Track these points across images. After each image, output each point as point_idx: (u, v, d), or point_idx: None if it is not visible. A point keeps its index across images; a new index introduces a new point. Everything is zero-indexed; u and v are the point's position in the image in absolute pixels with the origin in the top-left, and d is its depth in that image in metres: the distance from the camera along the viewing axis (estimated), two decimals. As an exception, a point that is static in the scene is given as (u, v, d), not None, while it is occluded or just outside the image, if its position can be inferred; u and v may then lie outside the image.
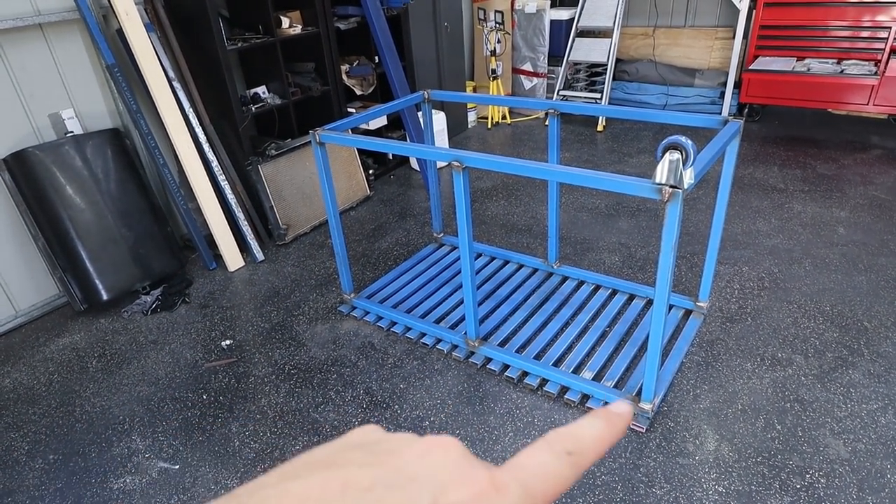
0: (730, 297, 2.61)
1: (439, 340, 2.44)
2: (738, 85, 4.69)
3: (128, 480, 1.94)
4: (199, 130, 3.04)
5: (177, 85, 2.94)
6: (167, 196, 3.15)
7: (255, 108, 3.34)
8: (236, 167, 3.28)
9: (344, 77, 3.81)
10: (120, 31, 2.77)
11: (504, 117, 5.32)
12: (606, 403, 2.02)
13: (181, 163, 2.98)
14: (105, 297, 2.77)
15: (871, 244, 2.94)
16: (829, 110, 4.76)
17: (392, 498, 0.23)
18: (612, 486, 1.77)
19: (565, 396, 2.11)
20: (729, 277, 2.75)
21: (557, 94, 5.08)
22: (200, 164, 3.02)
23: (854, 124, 4.59)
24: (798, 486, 1.73)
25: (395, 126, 4.26)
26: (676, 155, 1.51)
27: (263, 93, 3.46)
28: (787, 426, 1.93)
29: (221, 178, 3.14)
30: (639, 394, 1.98)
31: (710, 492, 1.73)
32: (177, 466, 1.98)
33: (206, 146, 3.07)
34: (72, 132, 2.77)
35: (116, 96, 2.89)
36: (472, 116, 5.23)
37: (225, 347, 2.56)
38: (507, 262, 2.96)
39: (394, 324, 2.57)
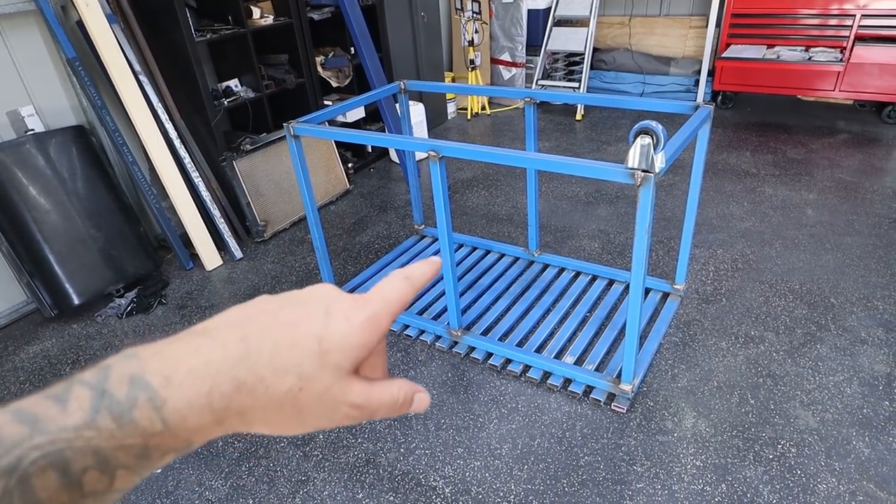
0: (705, 279, 2.67)
1: (422, 332, 2.45)
2: (711, 73, 4.77)
3: (110, 483, 1.91)
4: (169, 126, 2.99)
5: (143, 79, 2.89)
6: (138, 195, 3.10)
7: (228, 102, 3.29)
8: (210, 163, 3.24)
9: (319, 69, 3.77)
10: (80, 23, 2.69)
11: (483, 108, 5.33)
12: (589, 387, 2.06)
13: (151, 160, 2.93)
14: (76, 301, 2.71)
15: (837, 224, 3.03)
16: (799, 97, 4.87)
17: (298, 311, 0.34)
18: (595, 466, 1.81)
19: (548, 381, 2.14)
20: (704, 260, 2.81)
21: (536, 83, 5.10)
22: (172, 160, 2.97)
23: (822, 110, 4.71)
24: (770, 457, 1.79)
25: (374, 118, 4.24)
26: (647, 139, 1.54)
27: (236, 86, 3.41)
28: (760, 400, 1.99)
29: (195, 174, 3.09)
30: (619, 376, 2.02)
31: (689, 466, 1.78)
32: (158, 470, 1.95)
33: (177, 142, 3.02)
34: (33, 130, 2.69)
35: (79, 92, 2.82)
36: (451, 108, 5.23)
37: (205, 345, 2.53)
38: (488, 252, 2.98)
39: (376, 316, 2.57)
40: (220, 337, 0.31)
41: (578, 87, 4.91)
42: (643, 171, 1.55)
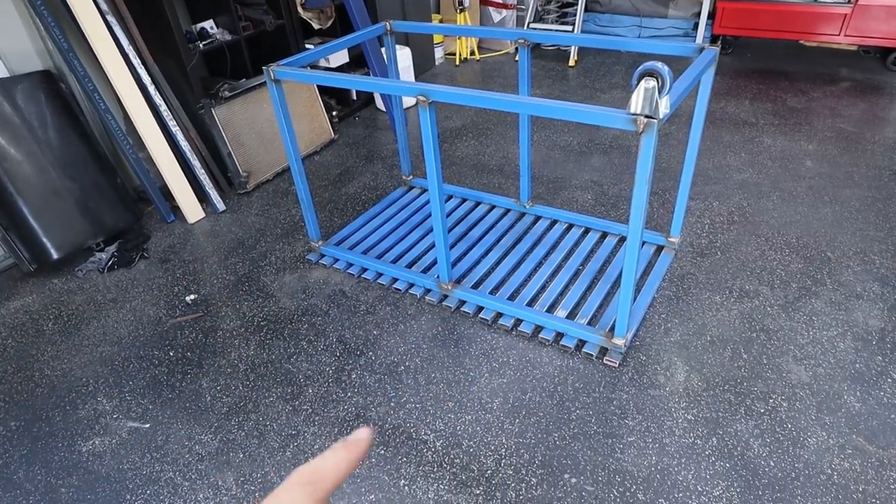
0: (700, 231, 2.62)
1: (412, 285, 2.40)
2: (711, 15, 4.57)
3: (97, 442, 1.88)
4: (141, 71, 2.82)
5: (112, 20, 2.69)
6: (114, 145, 2.95)
7: (203, 46, 3.10)
8: (187, 111, 3.08)
9: (299, 9, 3.56)
10: (42, -41, 2.49)
11: (473, 53, 5.11)
12: (581, 342, 2.03)
13: (125, 107, 2.77)
14: (55, 255, 2.62)
15: (836, 176, 2.96)
16: (801, 42, 4.70)
17: None
18: (587, 420, 1.80)
19: (540, 335, 2.11)
20: (700, 213, 2.75)
21: (527, 26, 4.88)
22: (147, 108, 2.82)
23: (824, 56, 4.56)
24: (762, 411, 1.78)
25: (358, 64, 4.04)
26: (652, 82, 1.44)
27: (211, 28, 3.21)
28: (752, 355, 1.98)
29: (172, 123, 2.94)
30: (612, 329, 1.99)
31: (680, 420, 1.78)
32: (147, 425, 1.93)
33: (151, 88, 2.85)
34: (-3, 75, 2.53)
35: (44, 34, 2.62)
36: (439, 53, 5.01)
37: (189, 302, 2.47)
38: (478, 203, 2.89)
39: (365, 270, 2.51)
40: None
41: (573, 31, 4.70)
42: (646, 116, 1.46)
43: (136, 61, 2.79)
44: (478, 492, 1.63)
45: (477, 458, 1.72)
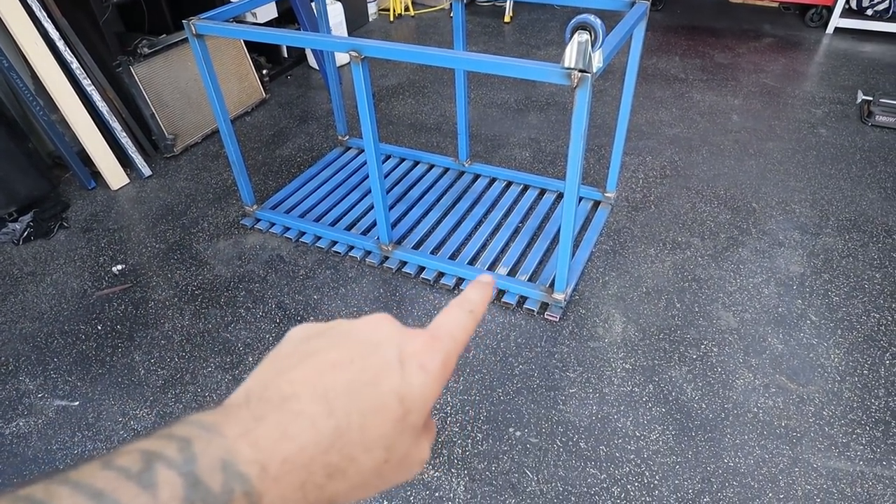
0: (635, 186, 2.69)
1: (352, 248, 2.36)
2: (644, -29, 4.60)
3: (21, 423, 1.78)
4: (48, 25, 2.56)
5: (6, -35, 2.42)
6: (22, 106, 2.70)
7: (116, -3, 2.84)
8: (104, 70, 2.84)
9: (221, -41, 3.31)
10: None
11: (407, 9, 4.95)
12: (522, 298, 2.07)
13: (32, 65, 2.52)
14: (-40, 227, 2.41)
15: (760, 130, 3.09)
16: (728, -2, 4.82)
17: (372, 361, 0.30)
18: (530, 374, 1.85)
19: (482, 294, 2.12)
20: (634, 168, 2.82)
21: (464, -19, 4.75)
22: (57, 66, 2.58)
23: (749, 13, 4.70)
24: (694, 357, 1.88)
25: (288, 19, 3.83)
26: (585, 36, 1.43)
27: (123, -23, 2.94)
28: (685, 304, 2.07)
29: (86, 82, 2.71)
30: (552, 285, 2.03)
31: (619, 370, 1.85)
32: (76, 403, 1.83)
33: (60, 44, 2.60)
34: None
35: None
36: (372, 9, 4.82)
37: (117, 273, 2.34)
38: (417, 163, 2.85)
39: (302, 234, 2.44)
40: (307, 412, 0.28)
41: (511, -14, 4.63)
42: (580, 70, 1.46)
43: (41, 14, 2.53)
44: (425, 448, 1.66)
45: (423, 416, 1.74)
